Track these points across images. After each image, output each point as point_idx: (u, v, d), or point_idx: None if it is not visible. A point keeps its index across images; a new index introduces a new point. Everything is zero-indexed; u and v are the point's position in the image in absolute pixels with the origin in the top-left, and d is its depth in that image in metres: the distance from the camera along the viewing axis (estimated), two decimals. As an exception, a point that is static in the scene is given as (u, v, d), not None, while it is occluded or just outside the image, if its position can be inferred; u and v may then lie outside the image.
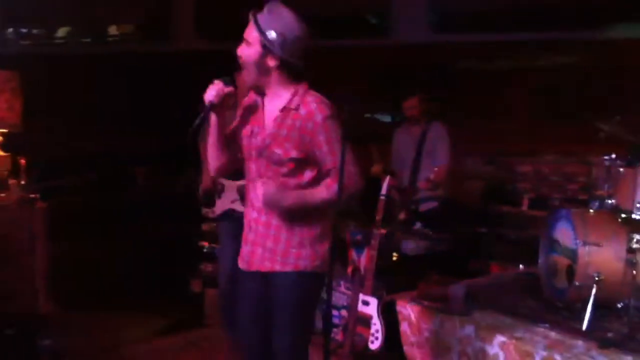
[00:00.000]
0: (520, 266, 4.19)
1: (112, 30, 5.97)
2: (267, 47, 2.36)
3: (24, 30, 6.05)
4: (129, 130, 5.96)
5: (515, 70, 5.52)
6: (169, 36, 5.83)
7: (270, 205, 2.42)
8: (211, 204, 3.91)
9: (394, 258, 4.05)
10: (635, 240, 3.04)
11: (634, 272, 3.02)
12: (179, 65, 5.72)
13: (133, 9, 5.86)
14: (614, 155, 3.32)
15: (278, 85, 2.45)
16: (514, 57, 5.48)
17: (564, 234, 3.37)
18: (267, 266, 2.48)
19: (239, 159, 2.59)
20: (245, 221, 2.55)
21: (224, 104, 2.43)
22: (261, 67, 2.40)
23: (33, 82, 4.29)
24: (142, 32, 5.88)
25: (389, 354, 3.46)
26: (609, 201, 3.28)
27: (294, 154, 2.42)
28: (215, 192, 3.85)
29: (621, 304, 3.03)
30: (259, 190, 2.48)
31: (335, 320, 3.94)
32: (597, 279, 3.05)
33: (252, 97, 2.55)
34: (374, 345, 3.43)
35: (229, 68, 2.63)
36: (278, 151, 2.43)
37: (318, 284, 2.54)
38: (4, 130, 4.04)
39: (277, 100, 2.47)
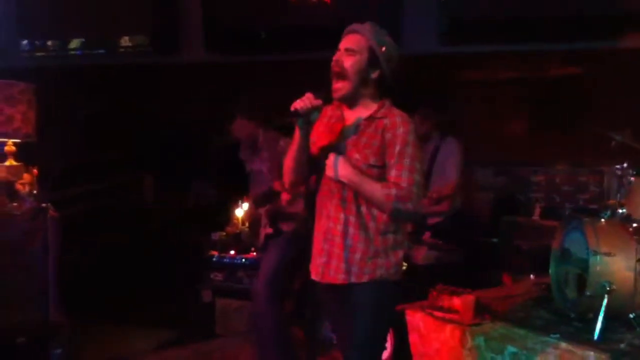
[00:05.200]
0: (532, 276, 4.17)
1: (125, 41, 6.04)
2: (375, 58, 2.38)
3: (38, 42, 6.13)
4: (139, 139, 6.03)
5: (518, 80, 5.53)
6: (179, 48, 5.91)
7: (331, 169, 2.35)
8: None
9: (404, 267, 4.03)
10: (646, 250, 3.01)
11: (646, 282, 3.00)
12: (189, 77, 5.79)
13: (143, 21, 5.94)
14: (625, 165, 3.31)
15: (370, 97, 2.45)
16: (519, 68, 5.50)
17: (575, 243, 3.35)
18: (341, 278, 2.43)
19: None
20: (319, 233, 2.49)
21: (308, 117, 2.36)
22: (363, 77, 2.40)
23: (47, 93, 4.33)
24: (153, 44, 5.95)
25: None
26: (620, 210, 3.26)
27: (372, 160, 2.39)
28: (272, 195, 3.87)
29: (633, 314, 3.00)
30: (335, 202, 2.42)
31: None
32: (608, 289, 3.03)
33: (332, 108, 2.52)
34: (384, 355, 3.41)
35: (237, 81, 2.64)
36: (357, 156, 2.39)
37: (394, 292, 2.53)
38: (18, 140, 4.08)
39: (363, 111, 2.45)
